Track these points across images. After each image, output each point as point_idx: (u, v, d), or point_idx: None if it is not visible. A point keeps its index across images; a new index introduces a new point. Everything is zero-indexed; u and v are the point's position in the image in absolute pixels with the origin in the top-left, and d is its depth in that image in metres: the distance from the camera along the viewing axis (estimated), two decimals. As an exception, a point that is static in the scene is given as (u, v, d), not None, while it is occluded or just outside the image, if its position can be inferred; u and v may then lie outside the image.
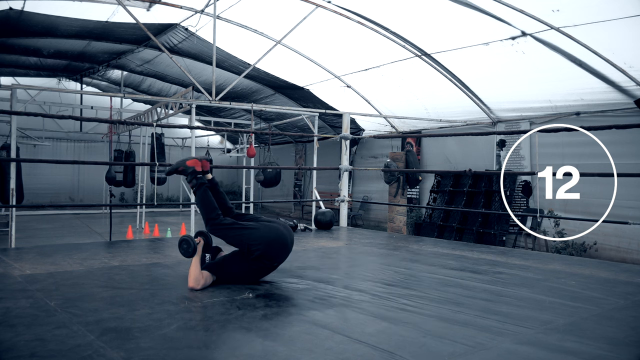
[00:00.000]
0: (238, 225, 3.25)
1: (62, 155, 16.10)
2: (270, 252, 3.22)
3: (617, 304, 3.02)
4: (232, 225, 3.26)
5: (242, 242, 3.21)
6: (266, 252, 3.20)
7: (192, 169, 3.43)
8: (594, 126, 4.60)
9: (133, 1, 7.86)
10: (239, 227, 3.25)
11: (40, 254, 4.20)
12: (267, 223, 3.34)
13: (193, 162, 3.44)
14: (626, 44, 6.57)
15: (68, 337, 2.18)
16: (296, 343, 2.21)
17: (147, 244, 5.21)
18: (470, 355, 2.11)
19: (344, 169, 7.39)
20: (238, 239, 3.23)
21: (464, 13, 7.09)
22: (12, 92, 7.07)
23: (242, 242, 3.21)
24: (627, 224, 5.10)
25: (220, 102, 8.47)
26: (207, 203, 3.34)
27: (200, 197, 3.36)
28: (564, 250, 8.29)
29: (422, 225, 10.86)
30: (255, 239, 3.18)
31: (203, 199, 3.35)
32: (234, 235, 3.24)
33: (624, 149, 7.35)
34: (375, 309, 2.78)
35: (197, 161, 3.47)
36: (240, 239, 3.22)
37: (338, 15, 8.17)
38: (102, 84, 14.99)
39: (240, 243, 3.23)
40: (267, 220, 3.41)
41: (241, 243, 3.22)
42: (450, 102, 9.67)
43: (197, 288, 3.07)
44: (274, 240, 3.24)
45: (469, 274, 3.79)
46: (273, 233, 3.25)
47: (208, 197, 3.36)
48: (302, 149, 16.60)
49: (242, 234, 3.22)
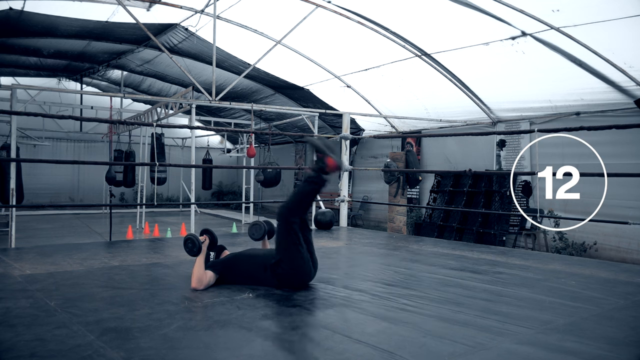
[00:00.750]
0: (297, 240, 3.13)
1: (62, 155, 16.10)
2: (290, 280, 3.16)
3: (617, 304, 3.02)
4: (294, 234, 3.13)
5: (281, 251, 3.14)
6: (288, 278, 3.14)
7: (327, 167, 3.16)
8: (594, 126, 4.60)
9: (133, 1, 7.86)
10: (296, 241, 3.13)
11: (40, 254, 4.21)
12: (310, 256, 3.23)
13: (334, 166, 3.17)
14: (626, 44, 6.57)
15: (68, 337, 2.18)
16: (296, 343, 2.21)
17: (147, 244, 5.21)
18: (470, 355, 2.11)
19: (344, 168, 7.39)
20: (283, 246, 3.15)
21: (464, 13, 7.09)
22: (12, 92, 7.07)
23: (281, 251, 3.14)
24: (627, 224, 5.09)
25: (220, 102, 8.46)
26: (304, 200, 3.23)
27: (305, 191, 3.21)
28: (564, 250, 8.29)
29: (422, 225, 10.86)
30: (291, 260, 3.12)
31: (306, 194, 3.21)
32: (284, 241, 3.15)
33: (624, 149, 7.36)
34: (375, 309, 2.78)
35: (337, 167, 3.20)
36: (285, 247, 3.13)
37: (338, 15, 8.17)
38: (102, 84, 14.99)
39: (282, 251, 3.14)
40: (312, 252, 3.29)
41: (283, 252, 3.14)
42: (450, 102, 9.66)
43: (200, 288, 3.07)
44: (302, 273, 3.18)
45: (469, 274, 3.79)
46: (306, 267, 3.18)
47: (310, 197, 3.25)
48: (302, 149, 16.60)
49: (291, 249, 3.12)
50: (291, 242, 3.13)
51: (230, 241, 4.91)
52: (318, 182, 3.18)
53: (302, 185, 3.23)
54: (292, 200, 3.26)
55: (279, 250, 3.17)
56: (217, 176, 19.02)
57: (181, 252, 4.28)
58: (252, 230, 3.73)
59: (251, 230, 3.74)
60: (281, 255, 3.14)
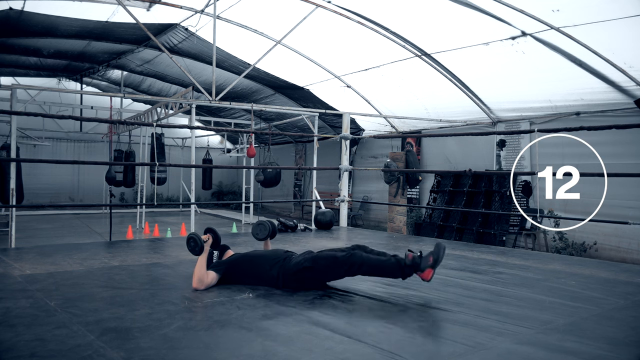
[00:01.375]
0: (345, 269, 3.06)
1: (62, 155, 16.11)
2: (305, 284, 3.13)
3: (617, 304, 3.02)
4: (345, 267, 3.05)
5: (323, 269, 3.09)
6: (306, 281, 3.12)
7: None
8: (594, 126, 4.60)
9: (133, 1, 7.86)
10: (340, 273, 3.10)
11: (40, 254, 4.20)
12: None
13: None
14: (626, 44, 6.57)
15: (68, 337, 2.18)
16: (296, 343, 2.21)
17: (147, 244, 5.21)
18: (470, 355, 2.11)
19: (344, 169, 7.39)
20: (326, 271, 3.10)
21: (464, 13, 7.09)
22: (12, 92, 7.07)
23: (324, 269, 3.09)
24: (627, 224, 5.09)
25: (220, 102, 8.47)
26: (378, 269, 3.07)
27: (372, 264, 3.05)
28: (564, 250, 8.29)
29: (422, 225, 10.86)
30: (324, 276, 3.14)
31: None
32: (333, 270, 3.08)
33: (624, 149, 7.36)
34: (375, 309, 2.78)
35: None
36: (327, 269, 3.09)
37: (338, 15, 8.17)
38: (102, 84, 14.99)
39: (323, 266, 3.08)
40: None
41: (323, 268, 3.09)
42: (450, 102, 9.67)
43: (201, 288, 3.06)
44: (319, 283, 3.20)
45: (469, 274, 3.79)
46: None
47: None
48: (302, 149, 16.60)
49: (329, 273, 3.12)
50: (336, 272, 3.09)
51: (231, 241, 4.91)
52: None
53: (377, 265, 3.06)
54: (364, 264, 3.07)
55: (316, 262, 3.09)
56: (217, 176, 19.02)
57: (181, 252, 4.28)
58: (256, 230, 3.73)
59: (255, 230, 3.73)
60: (317, 266, 3.08)
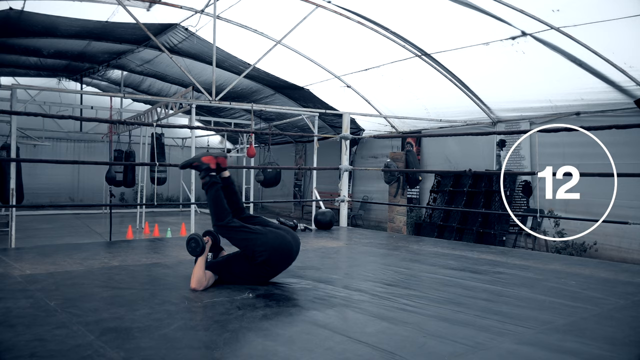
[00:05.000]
0: (246, 229, 3.21)
1: (62, 155, 16.10)
2: (274, 259, 3.20)
3: (617, 304, 3.02)
4: (240, 229, 3.21)
5: (248, 246, 3.18)
6: (270, 259, 3.18)
7: (207, 165, 3.34)
8: (594, 126, 4.60)
9: (133, 1, 7.86)
10: (247, 230, 3.21)
11: (40, 254, 4.20)
12: (275, 230, 3.29)
13: (208, 159, 3.35)
14: (626, 44, 6.57)
15: (68, 337, 2.18)
16: (296, 343, 2.21)
17: (147, 244, 5.21)
18: (470, 355, 2.11)
19: (344, 169, 7.39)
20: (244, 243, 3.20)
21: (464, 13, 7.09)
22: (12, 92, 7.06)
23: (247, 246, 3.19)
24: (627, 224, 5.09)
25: (220, 102, 8.46)
26: (218, 203, 3.26)
27: (211, 197, 3.28)
28: (564, 250, 8.29)
29: (422, 225, 10.86)
30: (260, 245, 3.15)
31: (214, 199, 3.27)
32: (240, 239, 3.21)
33: (624, 149, 7.34)
34: (375, 309, 2.77)
35: (213, 158, 3.37)
36: (246, 243, 3.19)
37: (338, 15, 8.17)
38: (102, 84, 14.98)
39: (245, 247, 3.20)
40: (276, 226, 3.37)
41: (247, 247, 3.19)
42: (450, 102, 9.66)
43: (200, 289, 3.07)
44: (279, 247, 3.22)
45: (469, 274, 3.79)
46: (279, 241, 3.22)
47: (219, 197, 3.29)
48: (302, 149, 16.60)
49: (249, 238, 3.18)
50: (244, 234, 3.19)
51: (230, 241, 4.91)
52: (211, 179, 3.32)
53: (207, 195, 3.31)
54: (212, 212, 3.28)
55: (245, 248, 3.20)
56: (218, 176, 18.98)
57: (181, 252, 4.28)
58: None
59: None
60: (250, 248, 3.17)
